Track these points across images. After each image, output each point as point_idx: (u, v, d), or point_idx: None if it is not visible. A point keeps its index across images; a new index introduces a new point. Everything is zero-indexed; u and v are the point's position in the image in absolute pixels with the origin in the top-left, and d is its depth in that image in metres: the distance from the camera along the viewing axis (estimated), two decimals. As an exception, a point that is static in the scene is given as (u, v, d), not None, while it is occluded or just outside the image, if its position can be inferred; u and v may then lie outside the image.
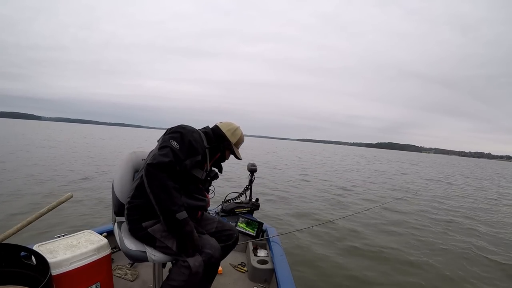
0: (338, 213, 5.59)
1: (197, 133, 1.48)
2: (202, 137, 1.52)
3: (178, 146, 1.33)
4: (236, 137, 1.62)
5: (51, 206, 1.50)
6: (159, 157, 1.25)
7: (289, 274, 1.73)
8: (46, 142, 17.16)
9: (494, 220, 5.90)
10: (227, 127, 1.62)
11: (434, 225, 5.12)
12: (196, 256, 1.28)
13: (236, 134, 1.62)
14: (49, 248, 1.34)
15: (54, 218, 3.69)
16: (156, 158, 1.26)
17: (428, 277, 3.04)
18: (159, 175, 1.23)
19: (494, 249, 4.06)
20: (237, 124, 1.67)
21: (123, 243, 1.35)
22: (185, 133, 1.38)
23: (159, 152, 1.29)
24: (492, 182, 16.30)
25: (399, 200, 6.25)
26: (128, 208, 1.39)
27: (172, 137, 1.35)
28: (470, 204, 7.65)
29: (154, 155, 1.29)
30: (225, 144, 1.59)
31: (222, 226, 1.60)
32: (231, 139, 1.60)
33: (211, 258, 1.31)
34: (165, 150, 1.29)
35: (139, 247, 1.33)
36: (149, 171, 1.24)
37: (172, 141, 1.33)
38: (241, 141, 1.66)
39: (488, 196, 9.82)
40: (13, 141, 16.48)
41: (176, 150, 1.31)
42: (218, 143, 1.59)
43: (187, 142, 1.36)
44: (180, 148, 1.33)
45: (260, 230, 2.38)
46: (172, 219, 1.24)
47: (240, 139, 1.65)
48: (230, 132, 1.61)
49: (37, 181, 6.13)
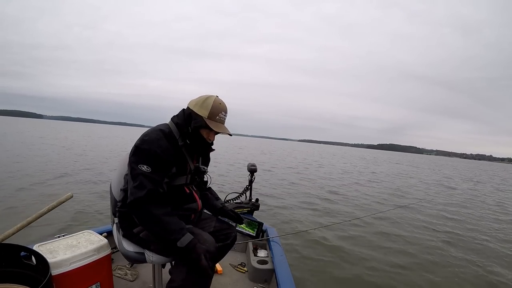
0: (339, 215, 5.60)
1: (163, 138, 1.25)
2: (174, 134, 1.31)
3: (149, 168, 1.18)
4: (207, 108, 1.28)
5: (51, 206, 1.50)
6: (135, 192, 1.16)
7: (289, 274, 1.73)
8: (41, 140, 17.17)
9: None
10: (195, 101, 1.31)
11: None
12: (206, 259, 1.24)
13: (207, 104, 1.28)
14: (49, 248, 1.34)
15: (54, 218, 3.68)
16: (133, 193, 1.16)
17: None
18: (144, 211, 1.16)
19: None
20: (215, 95, 1.33)
21: (122, 245, 1.35)
22: (150, 149, 1.20)
23: (133, 184, 1.17)
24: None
25: (404, 207, 6.16)
26: (118, 216, 1.37)
27: (138, 161, 1.20)
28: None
29: (130, 190, 1.18)
30: (197, 123, 1.29)
31: (220, 226, 1.56)
32: (201, 113, 1.28)
33: (206, 253, 1.26)
34: (138, 180, 1.17)
35: (137, 248, 1.32)
36: (132, 210, 1.18)
37: (141, 165, 1.18)
38: (218, 111, 1.29)
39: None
40: (8, 139, 16.42)
41: (149, 174, 1.18)
42: (187, 126, 1.32)
43: (156, 159, 1.20)
44: (152, 170, 1.18)
45: (260, 230, 2.38)
46: (176, 249, 1.17)
47: (214, 108, 1.28)
48: (198, 105, 1.29)
49: (37, 181, 6.13)
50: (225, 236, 1.53)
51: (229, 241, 1.55)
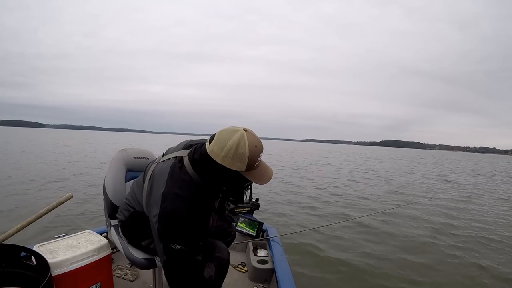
0: (339, 215, 5.60)
1: (194, 208, 1.04)
2: (202, 191, 1.08)
3: (184, 247, 1.01)
4: (243, 160, 0.96)
5: (51, 207, 1.50)
6: (176, 271, 1.04)
7: (289, 274, 1.73)
8: (42, 147, 17.19)
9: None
10: (222, 151, 0.96)
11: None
12: (208, 264, 1.22)
13: (240, 155, 0.95)
14: (49, 249, 1.34)
15: (54, 218, 3.69)
16: (170, 271, 1.04)
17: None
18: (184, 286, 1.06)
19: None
20: (238, 128, 0.99)
21: (128, 251, 1.31)
22: (183, 229, 1.02)
23: (169, 261, 1.02)
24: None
25: (405, 206, 6.13)
26: (122, 227, 1.34)
27: (168, 239, 1.01)
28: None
29: (167, 267, 1.04)
30: (238, 183, 1.09)
31: (220, 225, 1.56)
32: (237, 167, 0.97)
33: (222, 261, 1.28)
34: (174, 257, 1.02)
35: (146, 255, 1.30)
36: (170, 284, 1.08)
37: (174, 245, 1.00)
38: (256, 157, 0.98)
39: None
40: (9, 148, 16.45)
41: (187, 251, 1.02)
42: (220, 185, 1.09)
43: (191, 236, 1.04)
44: (188, 248, 1.02)
45: (260, 230, 2.38)
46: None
47: (252, 157, 0.97)
48: (228, 158, 0.96)
49: (37, 182, 6.14)
50: (225, 235, 1.56)
51: (230, 239, 1.58)
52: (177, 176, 1.06)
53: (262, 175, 1.03)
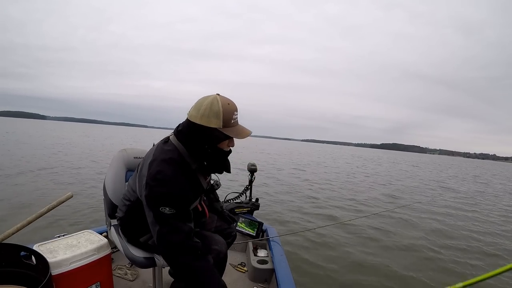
0: (339, 215, 5.59)
1: (179, 174, 1.09)
2: (186, 160, 1.14)
3: (172, 210, 1.05)
4: (218, 116, 1.05)
5: (51, 206, 1.50)
6: (171, 239, 1.06)
7: (289, 274, 1.73)
8: (41, 140, 17.19)
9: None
10: (198, 112, 1.07)
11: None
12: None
13: (215, 111, 1.05)
14: (49, 248, 1.34)
15: (54, 217, 3.69)
16: (167, 239, 1.06)
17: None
18: (183, 262, 1.07)
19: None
20: (211, 94, 1.11)
21: (128, 251, 1.32)
22: (169, 193, 1.05)
23: (165, 229, 1.05)
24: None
25: (405, 206, 6.11)
26: (120, 225, 1.36)
27: (157, 204, 1.05)
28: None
29: (162, 234, 1.06)
30: (215, 139, 1.11)
31: (221, 225, 1.58)
32: (214, 124, 1.06)
33: (220, 254, 1.30)
34: (167, 225, 1.05)
35: (145, 254, 1.31)
36: (166, 257, 1.10)
37: (162, 208, 1.04)
38: (231, 114, 1.08)
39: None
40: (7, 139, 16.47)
41: (178, 215, 1.06)
42: (202, 145, 1.12)
43: (178, 200, 1.07)
44: (177, 211, 1.06)
45: (260, 230, 2.37)
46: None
47: (226, 113, 1.06)
48: (205, 117, 1.05)
49: (37, 181, 6.14)
50: (226, 235, 1.55)
51: (230, 240, 1.58)
52: (162, 149, 1.15)
53: (239, 131, 1.11)
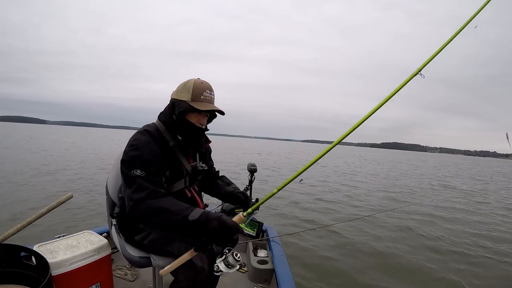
0: (339, 215, 5.59)
1: (152, 142, 1.18)
2: (163, 135, 1.23)
3: (143, 172, 1.10)
4: (189, 90, 1.18)
5: (51, 206, 1.50)
6: (135, 196, 1.08)
7: (289, 274, 1.73)
8: (40, 144, 17.21)
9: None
10: (176, 90, 1.23)
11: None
12: (200, 254, 1.17)
13: (187, 87, 1.19)
14: (49, 249, 1.34)
15: (54, 218, 3.69)
16: (132, 198, 1.08)
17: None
18: (146, 209, 1.07)
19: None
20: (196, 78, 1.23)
21: (125, 250, 1.32)
22: (141, 155, 1.12)
23: (130, 189, 1.10)
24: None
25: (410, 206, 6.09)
26: (118, 222, 1.35)
27: (129, 167, 1.12)
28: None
29: (129, 196, 1.10)
30: (181, 109, 1.18)
31: None
32: (184, 97, 1.18)
33: (215, 254, 1.22)
34: (135, 184, 1.09)
35: (141, 253, 1.30)
36: (136, 215, 1.10)
37: (134, 171, 1.11)
38: (201, 90, 1.19)
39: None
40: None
41: (146, 177, 1.10)
42: (172, 116, 1.21)
43: (149, 165, 1.12)
44: (147, 174, 1.11)
45: (260, 230, 2.37)
46: (189, 228, 1.05)
47: (196, 89, 1.18)
48: (179, 92, 1.21)
49: (37, 181, 6.13)
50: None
51: (230, 245, 1.51)
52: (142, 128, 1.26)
53: (203, 105, 1.19)
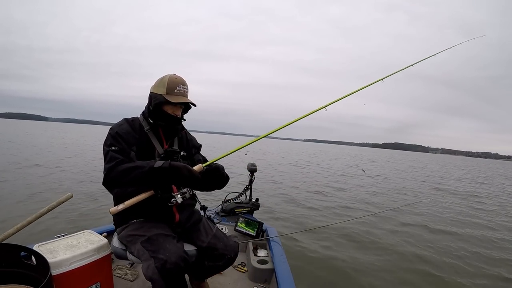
0: (339, 215, 5.59)
1: (125, 123, 1.36)
2: (139, 121, 1.40)
3: (115, 148, 1.26)
4: (164, 85, 1.31)
5: (51, 206, 1.50)
6: (107, 166, 1.22)
7: (289, 274, 1.73)
8: (39, 141, 17.20)
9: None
10: (154, 83, 1.37)
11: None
12: (148, 261, 1.17)
13: (163, 82, 1.32)
14: (49, 248, 1.34)
15: (54, 218, 3.69)
16: (106, 168, 1.22)
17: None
18: (115, 173, 1.19)
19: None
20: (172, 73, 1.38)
21: (113, 240, 1.45)
22: (112, 132, 1.30)
23: (104, 162, 1.25)
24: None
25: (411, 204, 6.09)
26: (113, 216, 1.40)
27: (105, 143, 1.30)
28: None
29: (104, 169, 1.23)
30: (156, 101, 1.32)
31: (215, 243, 1.39)
32: (159, 91, 1.32)
33: (166, 264, 1.12)
34: (107, 157, 1.24)
35: (122, 246, 1.41)
36: (110, 181, 1.22)
37: (107, 146, 1.27)
38: (175, 85, 1.31)
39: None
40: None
41: (117, 150, 1.25)
42: (149, 106, 1.37)
43: (119, 138, 1.28)
44: (119, 149, 1.26)
45: (260, 230, 2.37)
46: (157, 175, 1.15)
47: (171, 83, 1.31)
48: (155, 86, 1.35)
49: (37, 181, 6.13)
50: (218, 256, 1.39)
51: (221, 263, 1.41)
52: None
53: (175, 98, 1.31)
